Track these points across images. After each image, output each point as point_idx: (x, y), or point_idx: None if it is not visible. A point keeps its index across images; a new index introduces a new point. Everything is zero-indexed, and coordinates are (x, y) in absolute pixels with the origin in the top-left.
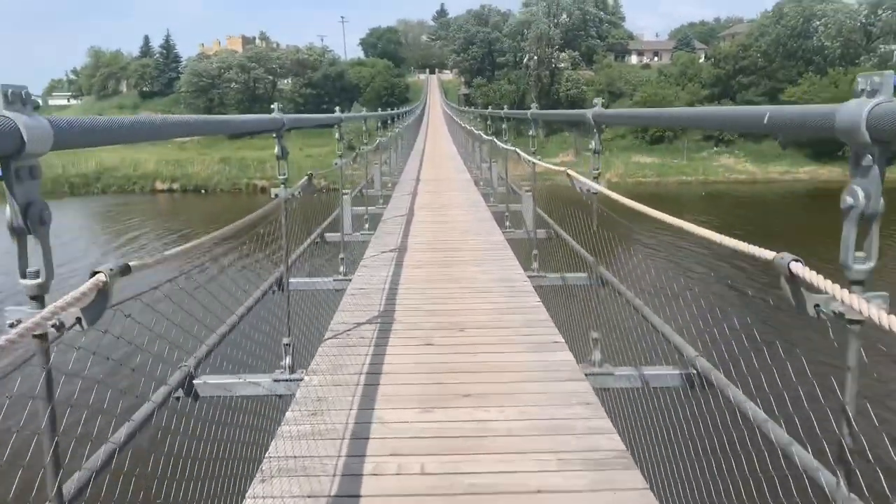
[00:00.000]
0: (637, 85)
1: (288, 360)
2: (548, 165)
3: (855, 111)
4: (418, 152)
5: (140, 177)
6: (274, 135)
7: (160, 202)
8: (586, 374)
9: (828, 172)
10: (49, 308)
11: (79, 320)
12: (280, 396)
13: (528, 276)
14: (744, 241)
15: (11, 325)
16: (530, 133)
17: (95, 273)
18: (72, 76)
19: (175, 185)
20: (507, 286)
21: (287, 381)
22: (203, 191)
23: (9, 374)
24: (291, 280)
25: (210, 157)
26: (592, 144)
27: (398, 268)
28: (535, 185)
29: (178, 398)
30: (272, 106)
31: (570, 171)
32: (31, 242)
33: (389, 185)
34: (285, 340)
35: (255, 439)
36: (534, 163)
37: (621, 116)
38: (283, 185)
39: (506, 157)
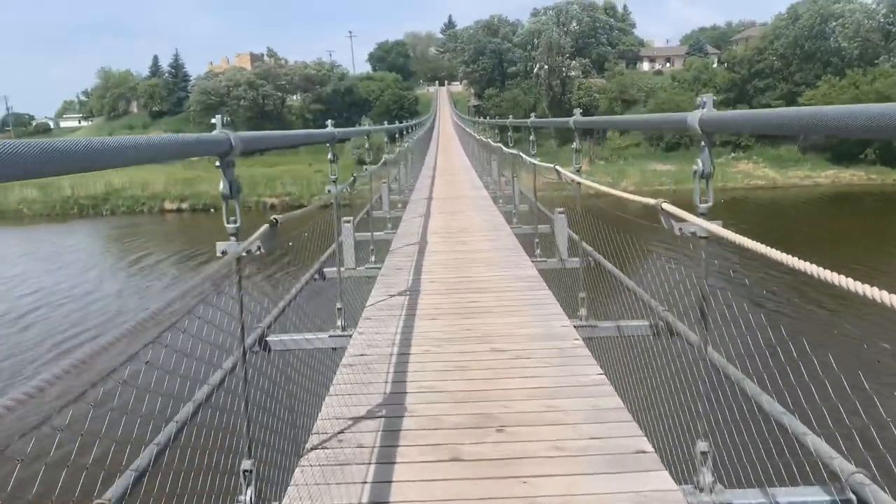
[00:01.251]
0: (650, 92)
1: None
2: (601, 187)
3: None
4: (430, 166)
5: (148, 197)
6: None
7: (169, 222)
8: None
9: (850, 176)
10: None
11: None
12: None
13: (575, 326)
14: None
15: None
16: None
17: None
18: (83, 97)
19: (184, 205)
20: (553, 347)
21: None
22: (212, 209)
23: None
24: (272, 338)
25: (218, 175)
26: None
27: (409, 319)
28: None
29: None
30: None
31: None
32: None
33: (399, 205)
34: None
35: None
36: (577, 180)
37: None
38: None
39: (534, 174)
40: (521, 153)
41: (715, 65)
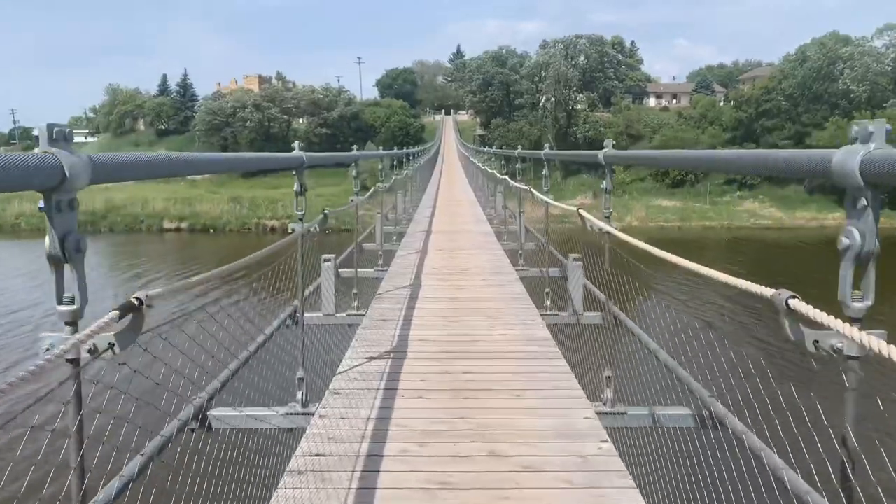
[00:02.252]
0: (656, 127)
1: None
2: (635, 241)
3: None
4: (431, 196)
5: (148, 215)
6: (294, 172)
7: (168, 241)
8: None
9: None
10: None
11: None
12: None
13: (598, 412)
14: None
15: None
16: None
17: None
18: (90, 114)
19: (183, 224)
20: (573, 454)
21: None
22: (212, 230)
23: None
24: (215, 413)
25: (221, 195)
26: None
27: (388, 398)
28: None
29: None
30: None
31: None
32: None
33: (395, 237)
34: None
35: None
36: (606, 229)
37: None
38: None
39: (546, 212)
40: (531, 189)
41: (721, 103)
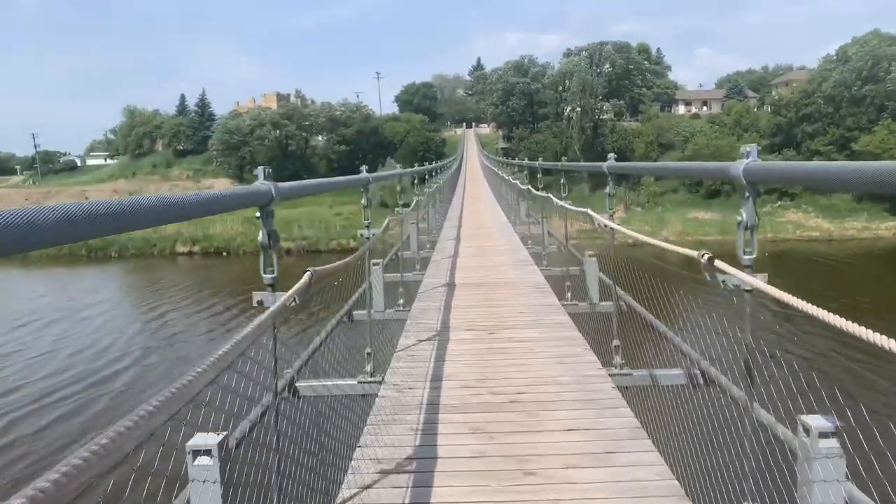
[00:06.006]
0: (688, 136)
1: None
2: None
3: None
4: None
5: (159, 239)
6: (362, 189)
7: (181, 266)
8: None
9: None
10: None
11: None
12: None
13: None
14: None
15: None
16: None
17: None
18: (110, 136)
19: (196, 248)
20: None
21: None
22: (225, 253)
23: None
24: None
25: (235, 215)
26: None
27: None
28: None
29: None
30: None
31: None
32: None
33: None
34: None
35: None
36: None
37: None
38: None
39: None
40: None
41: (756, 109)
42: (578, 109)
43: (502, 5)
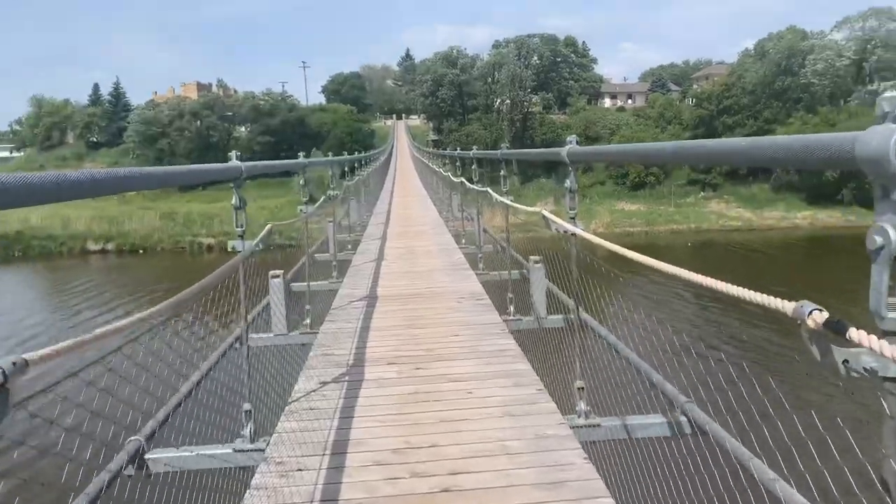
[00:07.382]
0: (615, 128)
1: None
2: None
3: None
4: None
5: (69, 237)
6: (231, 184)
7: (91, 266)
8: None
9: (827, 217)
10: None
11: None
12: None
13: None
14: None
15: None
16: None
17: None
18: (16, 127)
19: (109, 246)
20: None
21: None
22: (141, 251)
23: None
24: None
25: (154, 211)
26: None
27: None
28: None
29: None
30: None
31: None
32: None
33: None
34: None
35: None
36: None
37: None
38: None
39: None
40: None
41: (679, 102)
42: (508, 101)
43: None
